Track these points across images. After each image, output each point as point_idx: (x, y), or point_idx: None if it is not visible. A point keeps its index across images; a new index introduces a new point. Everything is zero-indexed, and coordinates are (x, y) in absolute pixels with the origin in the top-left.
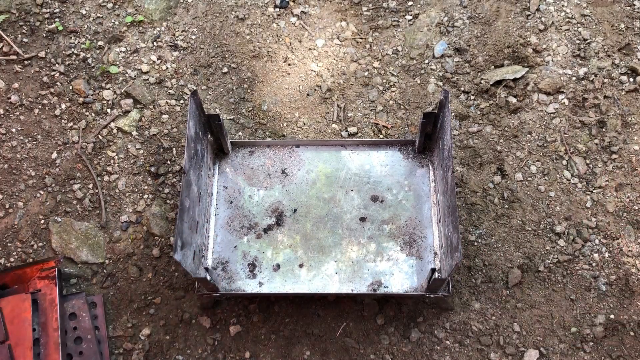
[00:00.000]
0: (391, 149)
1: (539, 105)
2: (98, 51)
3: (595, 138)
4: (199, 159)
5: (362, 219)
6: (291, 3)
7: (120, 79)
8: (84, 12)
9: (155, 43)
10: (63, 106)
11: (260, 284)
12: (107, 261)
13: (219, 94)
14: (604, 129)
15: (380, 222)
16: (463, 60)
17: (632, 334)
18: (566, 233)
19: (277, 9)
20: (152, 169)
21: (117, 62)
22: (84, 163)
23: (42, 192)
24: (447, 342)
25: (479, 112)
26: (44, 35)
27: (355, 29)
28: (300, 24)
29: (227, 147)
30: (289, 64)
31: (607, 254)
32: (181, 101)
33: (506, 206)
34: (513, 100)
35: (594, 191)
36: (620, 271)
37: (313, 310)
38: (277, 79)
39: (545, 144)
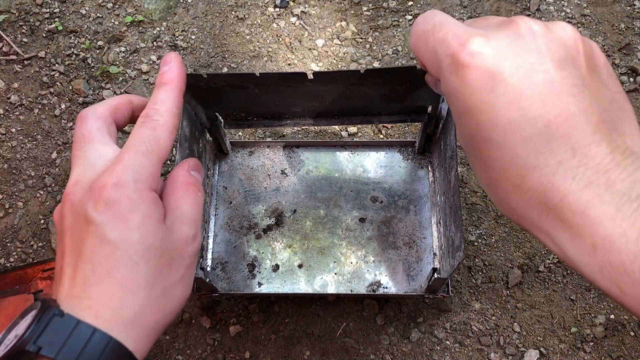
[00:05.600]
0: (391, 149)
1: None
2: (98, 51)
3: None
4: (198, 159)
5: (362, 220)
6: (291, 3)
7: (120, 79)
8: (83, 12)
9: (155, 43)
10: (63, 106)
11: (260, 284)
12: None
13: None
14: None
15: (380, 223)
16: None
17: (632, 334)
18: None
19: (277, 9)
20: None
21: (117, 62)
22: None
23: (42, 192)
24: (447, 342)
25: None
26: (44, 35)
27: (355, 29)
28: (300, 24)
29: (226, 148)
30: (289, 64)
31: None
32: None
33: None
34: None
35: None
36: None
37: (313, 310)
38: None
39: None
